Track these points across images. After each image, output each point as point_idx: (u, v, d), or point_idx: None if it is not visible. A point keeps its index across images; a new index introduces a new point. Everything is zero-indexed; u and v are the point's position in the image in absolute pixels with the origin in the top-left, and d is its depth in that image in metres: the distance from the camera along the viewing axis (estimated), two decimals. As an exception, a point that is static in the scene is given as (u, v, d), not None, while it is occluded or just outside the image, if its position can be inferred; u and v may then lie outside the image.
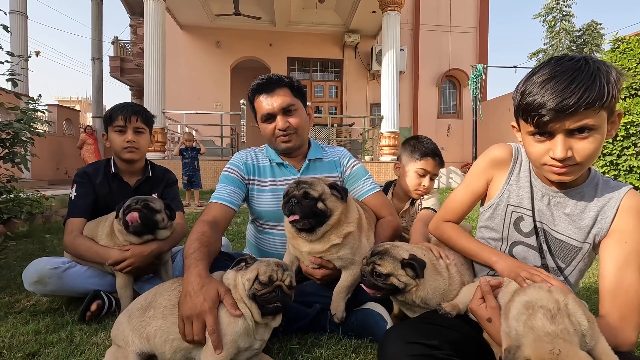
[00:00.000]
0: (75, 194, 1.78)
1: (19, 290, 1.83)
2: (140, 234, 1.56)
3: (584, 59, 0.93)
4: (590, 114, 0.89)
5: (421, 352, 0.91)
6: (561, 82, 0.90)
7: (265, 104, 1.60)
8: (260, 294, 1.07)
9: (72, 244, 1.66)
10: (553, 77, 0.92)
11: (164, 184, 1.98)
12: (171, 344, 1.08)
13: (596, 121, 0.90)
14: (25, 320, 1.48)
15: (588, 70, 0.90)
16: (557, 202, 1.11)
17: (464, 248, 1.24)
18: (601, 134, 0.93)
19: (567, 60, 0.94)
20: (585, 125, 0.91)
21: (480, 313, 1.02)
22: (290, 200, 1.26)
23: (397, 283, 1.10)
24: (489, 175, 1.24)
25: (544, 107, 0.92)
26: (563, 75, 0.91)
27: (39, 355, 1.22)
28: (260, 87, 1.62)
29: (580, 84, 0.88)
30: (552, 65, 0.96)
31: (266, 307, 1.07)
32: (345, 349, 1.27)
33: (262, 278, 1.08)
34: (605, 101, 0.88)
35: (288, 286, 1.10)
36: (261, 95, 1.61)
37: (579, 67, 0.91)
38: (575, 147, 0.94)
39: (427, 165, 1.90)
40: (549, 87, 0.92)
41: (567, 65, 0.92)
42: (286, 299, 1.09)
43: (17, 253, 2.53)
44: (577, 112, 0.89)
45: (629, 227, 1.01)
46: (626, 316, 0.97)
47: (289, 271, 1.14)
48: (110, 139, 1.85)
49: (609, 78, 0.89)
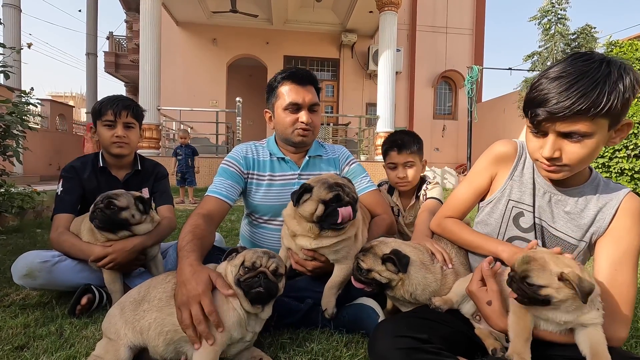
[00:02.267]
0: (61, 189, 1.76)
1: (8, 284, 1.81)
2: (111, 231, 1.54)
3: (600, 61, 0.91)
4: (583, 121, 0.90)
5: (410, 346, 0.91)
6: (564, 83, 0.90)
7: (296, 93, 1.58)
8: (243, 279, 1.07)
9: (57, 240, 1.64)
10: (560, 76, 0.92)
11: (153, 178, 1.96)
12: (165, 337, 1.08)
13: (590, 128, 0.90)
14: (15, 314, 1.47)
15: (594, 76, 0.88)
16: (558, 199, 1.12)
17: (468, 241, 1.25)
18: (596, 140, 0.93)
19: (582, 60, 0.92)
20: (576, 132, 0.92)
21: (480, 295, 1.04)
22: (346, 205, 1.25)
23: (379, 278, 1.12)
24: (493, 171, 1.25)
25: (540, 107, 0.93)
26: (569, 76, 0.91)
27: (28, 348, 1.21)
28: (294, 75, 1.60)
29: (579, 89, 0.88)
30: (566, 64, 0.95)
31: (250, 292, 1.06)
32: (336, 343, 1.27)
33: (247, 264, 1.09)
34: (601, 110, 0.87)
35: (273, 272, 1.09)
36: (292, 84, 1.59)
37: (588, 70, 0.89)
38: (566, 149, 0.95)
39: (391, 158, 1.92)
40: (552, 86, 0.92)
41: (577, 66, 0.91)
42: (270, 285, 1.08)
43: (8, 247, 2.50)
44: (568, 117, 0.90)
45: (625, 227, 1.04)
46: (617, 312, 0.99)
47: (276, 259, 1.13)
48: (99, 133, 1.81)
49: (616, 86, 0.87)
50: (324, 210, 1.25)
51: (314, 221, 1.28)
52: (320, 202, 1.25)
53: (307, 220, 1.30)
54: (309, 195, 1.28)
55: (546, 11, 8.50)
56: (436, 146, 13.14)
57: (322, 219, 1.26)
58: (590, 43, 8.40)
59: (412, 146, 1.90)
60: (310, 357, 1.17)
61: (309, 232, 1.31)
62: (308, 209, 1.27)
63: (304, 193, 1.29)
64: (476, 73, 8.90)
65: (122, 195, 1.54)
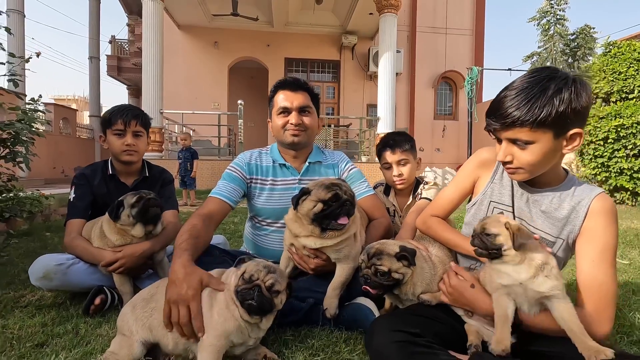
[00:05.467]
0: (73, 195, 1.85)
1: (23, 285, 1.89)
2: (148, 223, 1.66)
3: (545, 77, 1.00)
4: (523, 130, 1.00)
5: (404, 339, 0.99)
6: (514, 96, 1.01)
7: (285, 98, 1.71)
8: (240, 290, 1.12)
9: (70, 245, 1.73)
10: (515, 87, 1.02)
11: (160, 184, 2.03)
12: (173, 336, 1.15)
13: (530, 137, 1.00)
14: (32, 314, 1.55)
15: (531, 91, 0.98)
16: (535, 199, 1.20)
17: (448, 240, 1.33)
18: (540, 147, 1.02)
19: (538, 73, 1.02)
20: (519, 139, 1.02)
21: (461, 285, 1.15)
22: (344, 203, 1.34)
23: (398, 276, 1.18)
24: (476, 175, 1.34)
25: (490, 116, 1.05)
26: (513, 90, 1.02)
27: (47, 345, 1.29)
28: (285, 83, 1.74)
29: (522, 102, 0.98)
30: (520, 78, 1.05)
31: (243, 303, 1.11)
32: (336, 339, 1.34)
33: (245, 275, 1.14)
34: (534, 122, 0.97)
35: (268, 287, 1.12)
36: (284, 91, 1.72)
37: (529, 85, 0.99)
38: (515, 154, 1.06)
39: (386, 158, 2.00)
40: (506, 96, 1.03)
41: (530, 80, 1.01)
42: (262, 300, 1.10)
43: (19, 250, 2.58)
44: (509, 126, 1.01)
45: (599, 227, 1.10)
46: (600, 309, 1.05)
47: (275, 275, 1.15)
48: (109, 142, 1.89)
49: (550, 100, 0.96)
50: (322, 208, 1.33)
51: (313, 219, 1.35)
52: (319, 202, 1.33)
53: (308, 221, 1.37)
54: (307, 196, 1.37)
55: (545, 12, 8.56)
56: (437, 146, 13.20)
57: (321, 218, 1.34)
58: (590, 43, 8.44)
59: (404, 145, 1.98)
60: (311, 352, 1.25)
61: (312, 233, 1.39)
62: (306, 207, 1.35)
63: (302, 196, 1.38)
64: (476, 74, 8.96)
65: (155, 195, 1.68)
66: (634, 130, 6.20)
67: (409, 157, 1.97)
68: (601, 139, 6.60)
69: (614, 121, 6.41)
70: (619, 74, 6.76)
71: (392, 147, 1.98)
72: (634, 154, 6.33)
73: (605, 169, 6.64)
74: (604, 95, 7.01)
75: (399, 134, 2.04)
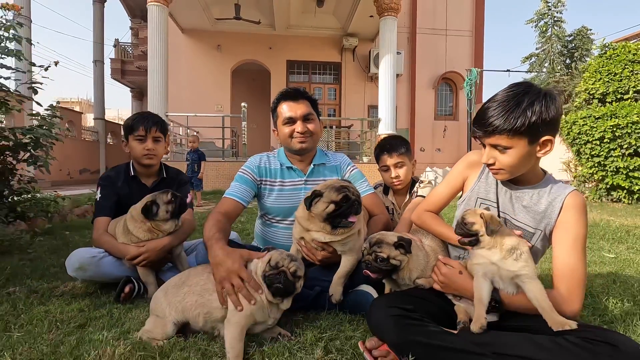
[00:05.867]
0: (99, 195, 2.04)
1: (54, 278, 2.07)
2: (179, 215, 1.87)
3: (521, 91, 1.17)
4: (502, 137, 1.18)
5: (399, 314, 1.16)
6: (494, 107, 1.18)
7: (289, 108, 1.87)
8: (267, 275, 1.31)
9: (98, 240, 1.92)
10: (496, 100, 1.20)
11: (176, 184, 2.21)
12: (204, 317, 1.34)
13: (508, 143, 1.18)
14: (68, 302, 1.73)
15: (508, 104, 1.16)
16: (517, 196, 1.36)
17: (441, 233, 1.50)
18: (517, 151, 1.19)
19: (515, 88, 1.20)
20: (499, 145, 1.20)
21: (451, 273, 1.32)
22: (353, 203, 1.51)
23: (395, 262, 1.34)
24: (465, 174, 1.51)
25: (475, 125, 1.23)
26: (494, 103, 1.20)
27: (88, 326, 1.47)
28: (287, 94, 1.91)
29: (500, 114, 1.16)
30: (504, 90, 1.22)
31: (271, 286, 1.30)
32: (340, 320, 1.52)
33: (272, 262, 1.33)
34: (510, 130, 1.15)
35: (292, 273, 1.32)
36: (286, 102, 1.89)
37: (513, 97, 1.17)
38: (497, 157, 1.23)
39: (383, 161, 2.17)
40: (488, 108, 1.20)
41: (508, 94, 1.18)
42: (288, 283, 1.29)
43: (44, 248, 2.77)
44: (492, 134, 1.19)
45: (572, 220, 1.26)
46: (571, 290, 1.21)
47: (297, 262, 1.35)
48: (131, 146, 2.07)
49: (524, 112, 1.14)
50: (334, 209, 1.51)
51: (326, 218, 1.53)
52: (331, 203, 1.51)
53: (320, 220, 1.55)
54: (319, 198, 1.54)
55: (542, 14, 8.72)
56: (438, 147, 13.35)
57: (333, 217, 1.52)
58: (587, 44, 8.60)
59: (400, 148, 2.15)
60: (319, 330, 1.42)
61: (323, 229, 1.57)
62: (320, 208, 1.53)
63: (315, 198, 1.55)
64: (475, 75, 9.12)
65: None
66: (629, 130, 6.35)
67: (405, 160, 2.14)
68: (597, 138, 6.75)
69: (610, 121, 6.55)
70: (614, 75, 6.91)
71: (389, 151, 2.14)
72: (629, 153, 6.48)
73: (602, 168, 6.79)
74: (600, 96, 7.16)
75: (395, 138, 2.22)
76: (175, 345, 1.27)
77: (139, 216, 1.79)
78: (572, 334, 1.07)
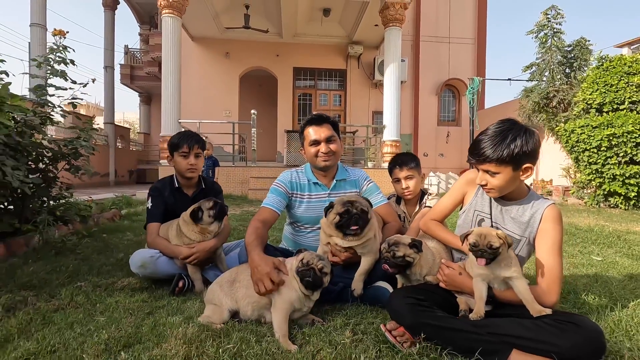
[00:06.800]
0: (151, 204, 2.37)
1: (108, 275, 2.39)
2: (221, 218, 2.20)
3: (506, 128, 1.48)
4: (492, 165, 1.48)
5: (412, 302, 1.48)
6: (485, 140, 1.49)
7: (314, 132, 2.19)
8: (300, 271, 1.63)
9: (153, 243, 2.25)
10: (487, 134, 1.51)
11: (213, 193, 2.55)
12: (252, 305, 1.66)
13: (497, 169, 1.49)
14: (130, 295, 2.05)
15: (496, 138, 1.46)
16: (506, 209, 1.67)
17: (445, 238, 1.81)
18: (504, 176, 1.49)
19: (502, 125, 1.51)
20: (489, 170, 1.50)
21: (453, 275, 1.62)
22: (353, 216, 1.82)
23: (409, 259, 1.66)
24: (465, 190, 1.83)
25: (470, 153, 1.55)
26: (489, 135, 1.50)
27: (155, 313, 1.79)
28: (312, 120, 2.23)
29: (489, 146, 1.46)
30: (494, 125, 1.53)
31: (302, 280, 1.61)
32: (362, 310, 1.84)
33: (304, 261, 1.65)
34: (498, 160, 1.45)
35: (319, 270, 1.63)
36: (312, 127, 2.21)
37: (500, 132, 1.47)
38: (488, 180, 1.54)
39: (396, 174, 2.50)
40: (481, 140, 1.51)
41: (497, 129, 1.49)
42: (316, 278, 1.59)
43: (89, 249, 3.09)
44: (483, 162, 1.49)
45: (549, 228, 1.57)
46: (550, 285, 1.51)
47: (324, 261, 1.67)
48: (176, 161, 2.41)
49: (507, 146, 1.43)
50: (338, 219, 1.85)
51: (336, 227, 1.87)
52: (337, 214, 1.86)
53: (333, 227, 1.89)
54: (331, 210, 1.90)
55: (542, 25, 9.03)
56: (441, 152, 13.65)
57: (339, 226, 1.86)
58: (585, 55, 8.91)
59: (410, 163, 2.48)
60: (346, 317, 1.74)
61: (337, 235, 1.89)
62: (330, 217, 1.89)
63: (329, 208, 1.91)
64: (477, 84, 9.43)
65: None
66: (625, 139, 6.64)
67: (414, 173, 2.47)
68: (595, 147, 7.03)
69: (607, 130, 6.84)
70: (611, 86, 7.20)
71: (400, 165, 2.48)
72: (625, 161, 6.76)
73: (599, 175, 7.07)
74: (597, 106, 7.45)
75: (406, 155, 2.56)
76: (233, 327, 1.59)
77: (189, 220, 2.12)
78: (547, 317, 1.38)
